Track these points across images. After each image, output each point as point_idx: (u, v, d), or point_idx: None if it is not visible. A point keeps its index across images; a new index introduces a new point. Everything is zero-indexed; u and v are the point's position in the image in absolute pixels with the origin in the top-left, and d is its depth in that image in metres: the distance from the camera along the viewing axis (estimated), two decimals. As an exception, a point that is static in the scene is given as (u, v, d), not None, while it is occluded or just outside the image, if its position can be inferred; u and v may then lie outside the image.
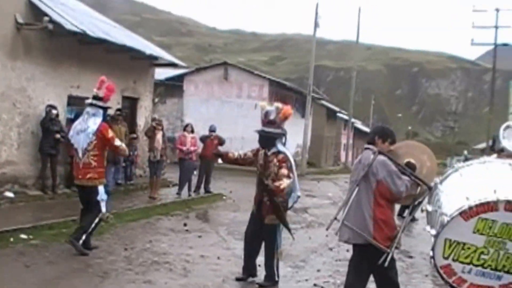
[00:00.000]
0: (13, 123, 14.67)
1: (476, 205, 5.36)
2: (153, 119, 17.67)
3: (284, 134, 8.60)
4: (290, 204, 8.42)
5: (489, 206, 5.34)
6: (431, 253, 5.71)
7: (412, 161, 6.37)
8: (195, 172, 18.90)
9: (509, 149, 6.96)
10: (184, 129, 18.89)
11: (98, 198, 9.50)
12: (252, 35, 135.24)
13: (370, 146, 6.59)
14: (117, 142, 9.57)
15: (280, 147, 8.44)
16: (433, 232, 5.66)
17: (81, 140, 9.50)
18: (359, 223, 6.47)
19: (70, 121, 16.25)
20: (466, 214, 5.40)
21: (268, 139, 8.48)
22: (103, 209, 9.60)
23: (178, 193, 17.99)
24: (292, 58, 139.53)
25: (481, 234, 5.44)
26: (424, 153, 6.55)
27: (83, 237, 9.41)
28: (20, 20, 14.62)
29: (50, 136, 15.06)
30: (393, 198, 6.36)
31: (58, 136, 15.20)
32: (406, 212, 7.20)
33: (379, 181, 6.31)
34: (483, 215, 5.38)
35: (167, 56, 22.04)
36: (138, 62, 19.83)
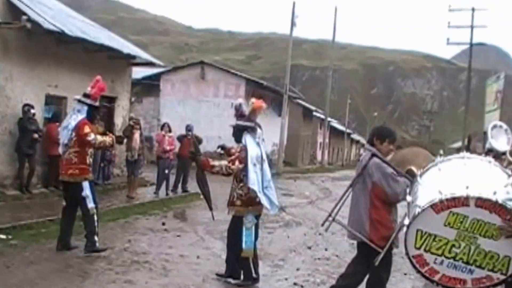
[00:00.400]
0: (-8, 124, 14.60)
1: (447, 199, 5.45)
2: (131, 118, 17.67)
3: (253, 128, 8.53)
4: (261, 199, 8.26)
5: (460, 201, 5.43)
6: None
7: (414, 168, 6.44)
8: (172, 171, 18.93)
9: (497, 148, 7.04)
10: (161, 129, 18.93)
11: (83, 194, 9.42)
12: (228, 34, 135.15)
13: (369, 147, 6.73)
14: (90, 137, 9.34)
15: (246, 140, 8.34)
16: (406, 222, 5.79)
17: (64, 136, 9.57)
18: (356, 222, 6.62)
19: (48, 121, 16.27)
20: (437, 207, 5.49)
21: (237, 131, 8.50)
22: (90, 204, 9.46)
23: (156, 193, 18.00)
24: (268, 57, 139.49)
25: (452, 227, 5.54)
26: (425, 160, 6.63)
27: (96, 238, 9.43)
28: (-2, 19, 14.56)
29: (27, 136, 15.00)
30: (389, 200, 6.46)
31: (36, 135, 15.16)
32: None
33: (374, 182, 6.45)
34: (454, 210, 5.47)
35: (144, 55, 22.04)
36: (116, 61, 19.81)
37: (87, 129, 9.35)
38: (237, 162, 8.12)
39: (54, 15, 17.08)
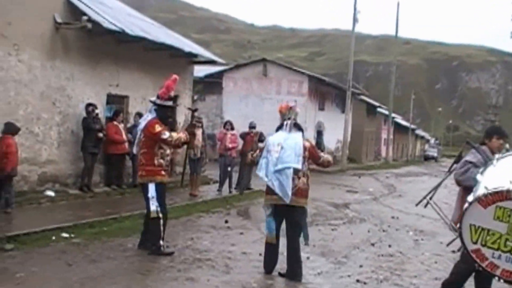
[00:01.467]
0: (53, 122, 14.73)
1: (490, 194, 5.53)
2: (193, 117, 17.53)
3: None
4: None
5: (503, 195, 5.48)
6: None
7: None
8: (235, 169, 18.84)
9: None
10: (224, 126, 18.84)
11: (148, 195, 9.25)
12: (290, 31, 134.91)
13: (471, 142, 7.06)
14: (165, 135, 9.10)
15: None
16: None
17: (136, 137, 9.62)
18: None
19: (109, 120, 16.36)
20: (483, 201, 5.57)
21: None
22: (152, 207, 9.23)
23: (219, 190, 17.94)
24: (331, 53, 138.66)
25: (502, 221, 5.55)
26: None
27: (161, 242, 9.28)
28: (59, 20, 14.66)
29: (92, 135, 15.11)
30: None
31: (100, 134, 15.29)
32: None
33: None
34: (500, 204, 5.51)
35: (206, 54, 22.00)
36: (177, 60, 19.80)
37: (157, 128, 9.12)
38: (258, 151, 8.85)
39: (114, 14, 17.16)
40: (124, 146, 16.11)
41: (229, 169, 18.26)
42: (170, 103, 9.68)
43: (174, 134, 9.29)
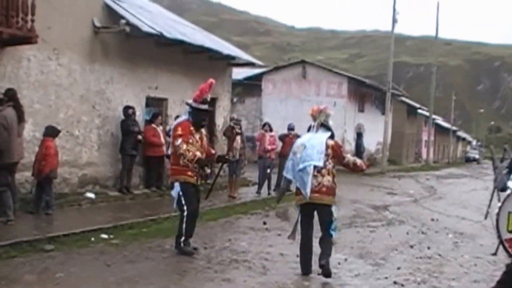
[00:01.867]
0: (93, 125, 14.92)
1: None
2: (232, 119, 17.65)
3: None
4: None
5: None
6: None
7: None
8: (274, 170, 18.83)
9: None
10: (262, 128, 18.85)
11: (172, 194, 9.52)
12: (330, 33, 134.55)
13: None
14: (177, 142, 9.20)
15: None
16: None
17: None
18: None
19: (148, 122, 16.49)
20: None
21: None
22: (173, 205, 9.61)
23: (258, 192, 17.95)
24: (371, 55, 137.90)
25: None
26: None
27: (180, 239, 9.37)
28: (98, 24, 14.86)
29: (131, 137, 15.24)
30: None
31: (140, 137, 15.43)
32: None
33: None
34: None
35: (244, 56, 22.05)
36: (216, 63, 19.87)
37: (178, 131, 9.26)
38: None
39: (153, 18, 17.32)
40: (162, 148, 16.19)
41: (268, 171, 18.26)
42: (204, 106, 9.67)
43: (184, 147, 9.18)
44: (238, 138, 16.65)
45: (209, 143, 10.29)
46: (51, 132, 12.09)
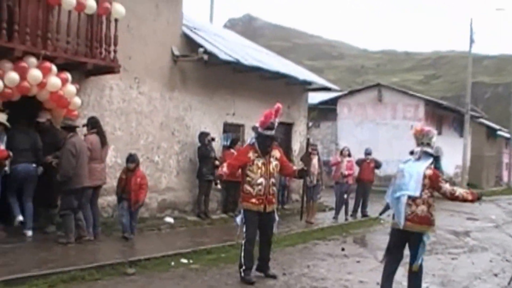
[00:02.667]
0: (172, 151, 15.22)
1: None
2: (308, 144, 17.68)
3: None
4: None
5: None
6: None
7: None
8: (351, 195, 18.73)
9: None
10: (341, 153, 18.78)
11: (236, 220, 9.60)
12: (404, 55, 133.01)
13: None
14: (223, 167, 9.44)
15: None
16: None
17: None
18: None
19: (226, 148, 16.68)
20: None
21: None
22: (237, 232, 9.64)
23: (335, 217, 17.87)
24: (447, 76, 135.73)
25: None
26: None
27: (240, 268, 9.35)
28: (177, 52, 15.21)
29: (208, 163, 15.43)
30: None
31: (217, 162, 15.61)
32: None
33: None
34: None
35: (320, 81, 22.05)
36: (292, 88, 19.98)
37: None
38: None
39: (229, 45, 17.59)
40: (240, 174, 16.30)
41: (345, 196, 18.17)
42: (270, 132, 9.47)
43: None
44: (315, 163, 16.67)
45: (287, 161, 10.17)
46: (137, 160, 12.23)
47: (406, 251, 8.36)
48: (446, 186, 8.23)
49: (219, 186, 15.44)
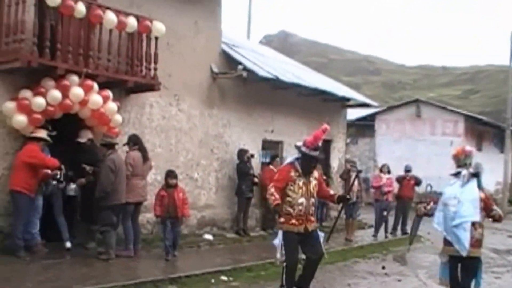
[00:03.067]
0: (211, 168, 15.26)
1: None
2: (347, 161, 17.60)
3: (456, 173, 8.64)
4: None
5: None
6: None
7: None
8: (391, 213, 18.57)
9: None
10: (381, 170, 18.65)
11: (274, 242, 9.11)
12: (442, 69, 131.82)
13: None
14: (271, 188, 8.75)
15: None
16: None
17: None
18: None
19: (266, 164, 16.68)
20: None
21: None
22: (277, 254, 9.04)
23: (374, 235, 17.71)
24: (486, 90, 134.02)
25: None
26: None
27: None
28: (216, 70, 15.30)
29: (247, 180, 15.44)
30: None
31: (256, 179, 15.63)
32: None
33: None
34: None
35: (359, 97, 21.98)
36: (330, 104, 19.93)
37: (276, 176, 9.04)
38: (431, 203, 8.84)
39: (267, 62, 17.64)
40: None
41: (385, 213, 18.01)
42: (315, 153, 9.09)
43: (272, 190, 8.69)
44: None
45: (323, 183, 9.95)
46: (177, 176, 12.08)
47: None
48: (497, 210, 8.31)
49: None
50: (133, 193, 11.65)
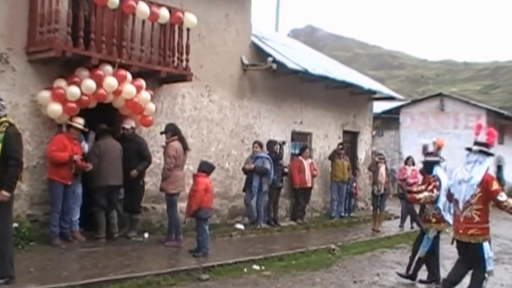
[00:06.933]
0: (242, 159, 15.36)
1: None
2: (374, 153, 17.69)
3: (439, 161, 10.51)
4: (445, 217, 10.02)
5: None
6: None
7: None
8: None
9: None
10: (406, 162, 18.72)
11: (485, 256, 8.02)
12: (463, 65, 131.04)
13: None
14: (502, 197, 7.89)
15: (437, 172, 10.15)
16: None
17: (463, 191, 8.16)
18: None
19: (295, 156, 16.82)
20: None
21: (428, 166, 10.56)
22: (489, 267, 8.06)
23: (401, 226, 17.78)
24: (506, 86, 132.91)
25: None
26: None
27: None
28: (246, 62, 15.44)
29: (278, 170, 15.54)
30: None
31: (286, 170, 15.76)
32: None
33: None
34: None
35: (385, 90, 22.07)
36: (357, 97, 20.04)
37: (495, 185, 8.00)
38: (435, 190, 9.80)
39: (296, 55, 17.75)
40: (306, 181, 16.46)
41: (411, 205, 18.05)
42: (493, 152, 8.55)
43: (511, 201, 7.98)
44: (383, 172, 16.69)
45: None
46: (205, 168, 11.32)
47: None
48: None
49: None
50: (175, 183, 11.75)
